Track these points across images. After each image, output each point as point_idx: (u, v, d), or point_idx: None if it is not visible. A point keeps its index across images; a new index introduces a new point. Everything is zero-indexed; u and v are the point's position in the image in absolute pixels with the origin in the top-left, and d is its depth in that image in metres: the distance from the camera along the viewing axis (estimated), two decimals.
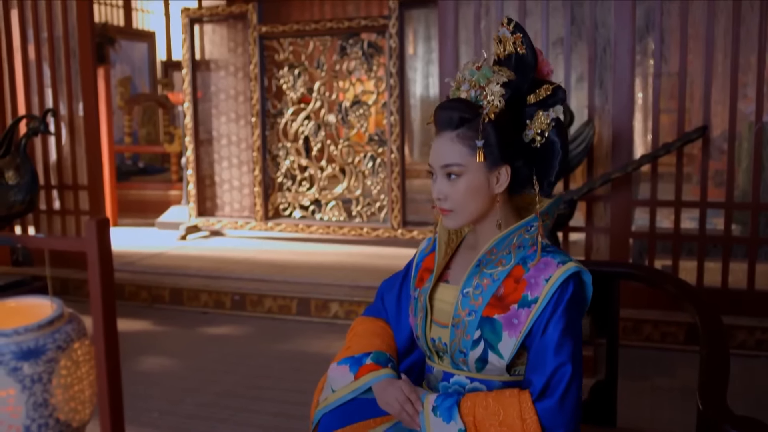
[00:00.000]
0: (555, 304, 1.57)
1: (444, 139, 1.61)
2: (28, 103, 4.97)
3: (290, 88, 5.58)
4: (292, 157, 5.65)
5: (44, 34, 4.89)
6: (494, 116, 1.57)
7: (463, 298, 1.64)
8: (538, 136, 1.62)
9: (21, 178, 4.50)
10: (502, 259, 1.64)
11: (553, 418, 1.53)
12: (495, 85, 1.58)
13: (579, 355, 1.59)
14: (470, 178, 1.60)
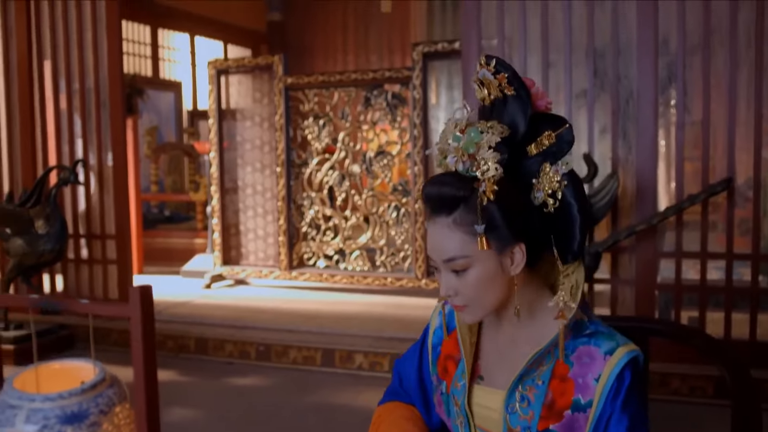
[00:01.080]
0: (613, 403, 1.37)
1: (439, 227, 1.37)
2: (59, 153, 5.06)
3: (315, 138, 5.64)
4: (316, 207, 5.69)
5: (76, 86, 4.99)
6: (494, 194, 1.31)
7: (511, 415, 1.44)
8: (550, 198, 1.36)
9: (51, 227, 4.56)
10: (543, 360, 1.42)
11: None
12: (487, 149, 1.32)
13: None
14: (480, 269, 1.37)
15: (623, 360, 1.36)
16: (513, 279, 1.39)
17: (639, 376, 1.41)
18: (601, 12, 3.90)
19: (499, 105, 1.38)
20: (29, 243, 4.53)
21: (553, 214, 1.36)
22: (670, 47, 3.87)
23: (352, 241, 5.62)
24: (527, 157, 1.37)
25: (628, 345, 1.39)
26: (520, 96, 1.36)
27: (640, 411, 1.40)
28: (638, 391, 1.40)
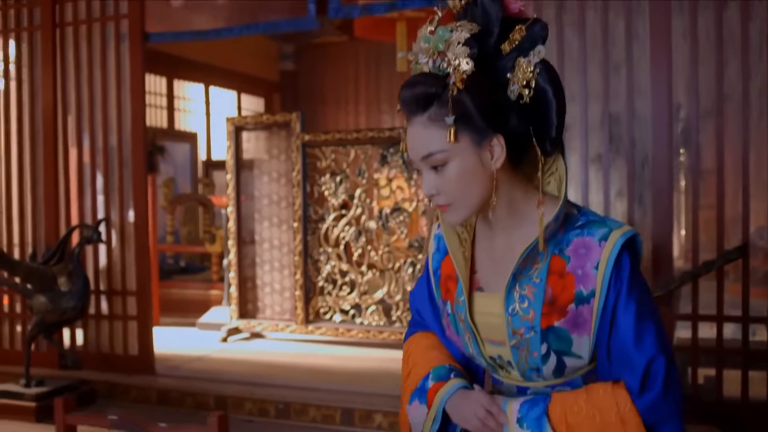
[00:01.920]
0: (616, 288, 1.39)
1: (416, 125, 1.40)
2: (81, 210, 5.15)
3: (332, 194, 5.73)
4: (333, 262, 5.76)
5: (99, 143, 5.10)
6: (463, 83, 1.33)
7: (512, 317, 1.45)
8: (525, 89, 1.38)
9: (73, 285, 4.64)
10: (536, 256, 1.44)
11: (658, 412, 1.38)
12: (457, 45, 1.34)
13: (663, 334, 1.41)
14: (458, 163, 1.38)
15: (619, 243, 1.38)
16: (494, 174, 1.40)
17: (637, 258, 1.44)
18: (616, 79, 3.99)
19: (471, 9, 1.41)
20: (52, 300, 4.61)
21: (529, 105, 1.39)
22: (683, 113, 3.97)
23: (368, 296, 5.67)
24: (501, 57, 1.40)
25: (621, 228, 1.41)
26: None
27: (645, 294, 1.43)
28: (638, 273, 1.42)
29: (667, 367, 1.38)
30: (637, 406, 1.37)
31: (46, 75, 5.14)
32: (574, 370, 1.46)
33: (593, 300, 1.40)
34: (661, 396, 1.37)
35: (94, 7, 5.08)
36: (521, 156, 1.45)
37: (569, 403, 1.41)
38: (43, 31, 5.15)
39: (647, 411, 1.37)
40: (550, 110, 1.40)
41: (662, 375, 1.38)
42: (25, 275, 4.67)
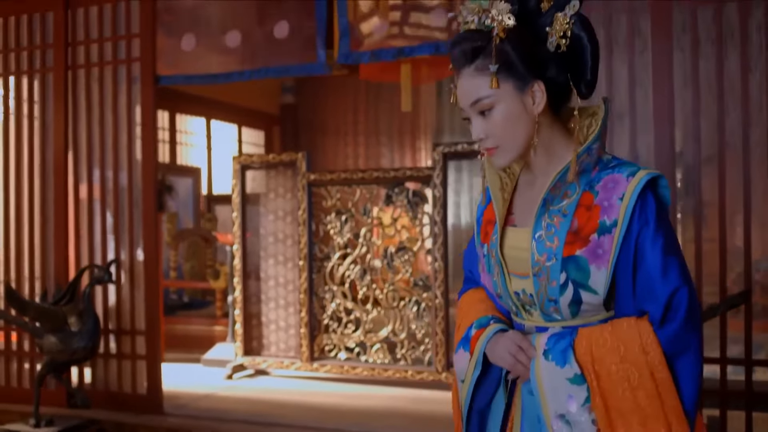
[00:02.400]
0: (640, 222, 1.49)
1: (464, 76, 1.55)
2: (91, 249, 5.21)
3: (337, 233, 5.80)
4: (338, 300, 5.82)
5: (110, 184, 5.17)
6: (505, 33, 1.49)
7: (537, 243, 1.55)
8: (562, 39, 1.53)
9: (84, 324, 4.68)
10: (567, 190, 1.56)
11: (678, 343, 1.46)
12: (499, 2, 1.50)
13: (686, 269, 1.50)
14: (504, 107, 1.53)
15: (645, 179, 1.50)
16: (536, 118, 1.56)
17: (664, 200, 1.55)
18: (620, 126, 4.09)
19: None
20: (63, 340, 4.65)
21: (567, 54, 1.55)
22: (685, 158, 4.06)
23: (373, 334, 5.73)
24: (541, 14, 1.56)
25: (648, 169, 1.54)
26: None
27: (671, 233, 1.52)
28: (665, 213, 1.53)
29: (690, 298, 1.47)
30: (658, 336, 1.46)
31: (57, 115, 5.22)
32: (589, 309, 1.54)
33: (614, 230, 1.49)
34: (683, 326, 1.46)
35: (107, 50, 5.17)
36: (561, 103, 1.61)
37: (595, 336, 1.50)
38: (56, 73, 5.24)
39: (668, 341, 1.46)
40: (585, 54, 1.56)
41: (685, 306, 1.46)
42: (36, 315, 4.72)
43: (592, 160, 1.56)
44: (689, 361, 1.47)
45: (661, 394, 1.45)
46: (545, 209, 1.57)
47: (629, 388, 1.46)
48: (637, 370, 1.45)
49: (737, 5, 3.87)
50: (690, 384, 1.47)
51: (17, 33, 5.34)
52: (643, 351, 1.45)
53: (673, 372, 1.47)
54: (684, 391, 1.47)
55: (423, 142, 10.40)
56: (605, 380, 1.47)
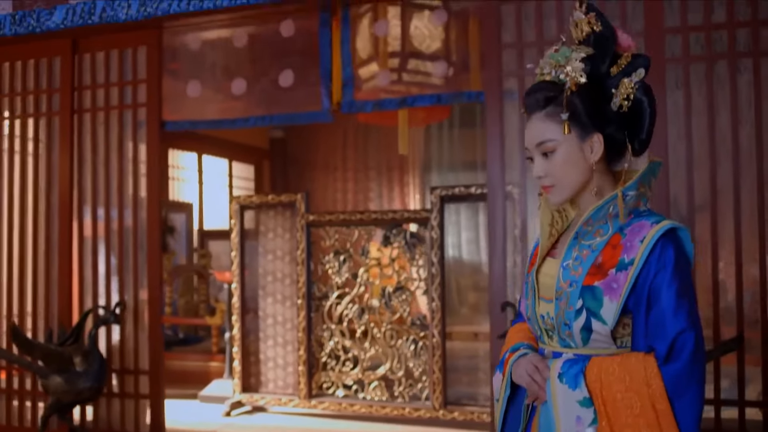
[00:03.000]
0: (658, 265, 1.63)
1: (534, 120, 1.76)
2: (95, 290, 5.28)
3: (335, 273, 5.92)
4: (336, 338, 5.93)
5: (114, 226, 5.27)
6: (576, 88, 1.70)
7: (564, 270, 1.74)
8: (625, 101, 1.71)
9: (89, 365, 4.76)
10: (600, 229, 1.73)
11: (679, 383, 1.58)
12: (575, 61, 1.71)
13: (697, 316, 1.64)
14: (564, 151, 1.72)
15: (667, 227, 1.66)
16: (592, 166, 1.74)
17: (685, 250, 1.70)
18: None
19: (590, 39, 1.78)
20: (68, 381, 4.73)
21: (627, 114, 1.74)
22: (679, 205, 4.23)
23: (371, 371, 5.84)
24: (610, 77, 1.76)
25: (674, 221, 1.70)
26: (606, 31, 1.76)
27: (688, 280, 1.67)
28: (685, 263, 1.67)
29: (696, 341, 1.60)
30: (662, 371, 1.59)
31: (63, 158, 5.31)
32: (598, 339, 1.70)
33: (630, 268, 1.66)
34: (687, 368, 1.59)
35: (113, 95, 5.28)
36: (615, 156, 1.79)
37: (605, 365, 1.65)
38: (62, 117, 5.34)
39: (670, 378, 1.59)
40: (644, 116, 1.75)
41: (690, 347, 1.60)
42: (42, 356, 4.79)
43: (628, 206, 1.73)
44: (689, 398, 1.59)
45: (660, 424, 1.59)
46: (576, 242, 1.76)
47: (632, 415, 1.60)
48: (639, 399, 1.59)
49: (727, 62, 4.07)
50: (689, 419, 1.59)
51: (24, 77, 5.44)
52: (647, 383, 1.59)
53: (674, 407, 1.59)
54: (682, 426, 1.59)
55: (411, 178, 10.55)
56: (611, 405, 1.62)
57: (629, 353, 1.67)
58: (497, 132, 4.39)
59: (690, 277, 1.68)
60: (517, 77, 4.41)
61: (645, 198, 1.78)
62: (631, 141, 1.77)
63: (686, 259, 1.69)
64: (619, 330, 1.70)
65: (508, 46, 4.44)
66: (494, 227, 4.39)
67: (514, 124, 4.39)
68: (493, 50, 4.44)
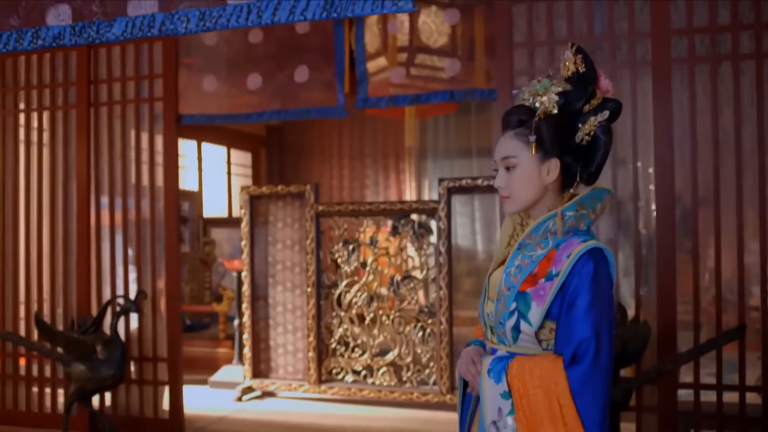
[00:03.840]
0: (578, 279, 1.85)
1: (505, 137, 1.99)
2: (113, 280, 5.42)
3: (344, 262, 6.09)
4: (345, 326, 6.10)
5: (131, 216, 5.41)
6: (545, 116, 1.92)
7: (506, 276, 1.97)
8: (587, 137, 1.93)
9: (111, 353, 4.89)
10: (541, 243, 1.94)
11: (580, 383, 1.80)
12: (551, 93, 1.95)
13: (605, 327, 1.85)
14: (524, 169, 1.94)
15: (591, 246, 1.88)
16: (547, 187, 1.97)
17: (607, 270, 1.91)
18: (624, 172, 4.45)
19: (575, 77, 2.00)
20: (91, 369, 4.86)
21: (585, 147, 1.96)
22: (684, 199, 4.43)
23: (379, 357, 6.02)
24: (582, 114, 1.97)
25: (599, 242, 1.93)
26: (588, 73, 1.99)
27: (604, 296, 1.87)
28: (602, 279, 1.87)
29: (596, 350, 1.82)
30: (567, 373, 1.82)
31: (80, 150, 5.43)
32: (525, 339, 1.93)
33: (555, 279, 1.88)
34: (588, 371, 1.81)
35: (129, 89, 5.40)
36: (568, 182, 1.99)
37: (524, 364, 1.89)
38: (78, 110, 5.45)
39: (573, 379, 1.82)
40: (598, 151, 1.97)
41: (591, 354, 1.82)
42: (64, 345, 4.94)
43: (567, 225, 1.94)
44: (590, 397, 1.82)
45: (564, 417, 1.83)
46: (520, 252, 1.99)
47: (542, 408, 1.84)
48: (547, 395, 1.83)
49: (731, 63, 4.25)
50: (590, 413, 1.83)
51: (40, 70, 5.53)
52: (554, 382, 1.83)
53: (576, 403, 1.83)
54: (585, 421, 1.82)
55: (407, 165, 10.68)
56: (525, 399, 1.86)
57: (546, 354, 1.91)
58: None
59: (606, 292, 1.89)
60: (528, 75, 4.57)
61: (588, 219, 1.98)
62: (582, 171, 1.98)
63: (605, 276, 1.90)
64: (544, 333, 1.92)
65: (520, 45, 4.60)
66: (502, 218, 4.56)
67: None
68: (505, 49, 4.60)
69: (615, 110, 1.98)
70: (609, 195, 2.03)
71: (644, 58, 4.41)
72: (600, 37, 4.49)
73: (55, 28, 2.53)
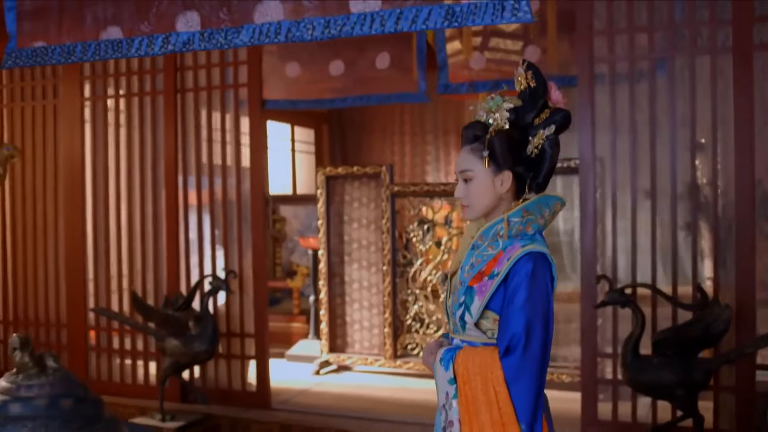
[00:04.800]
0: (517, 279, 2.04)
1: (463, 152, 2.18)
2: (201, 260, 5.68)
3: (419, 241, 6.27)
4: (420, 303, 6.30)
5: (218, 197, 5.65)
6: (496, 133, 2.08)
7: (461, 272, 2.19)
8: (535, 149, 2.10)
9: (203, 330, 5.15)
10: (492, 244, 2.13)
11: (513, 373, 2.01)
12: (503, 110, 2.10)
13: (538, 322, 2.04)
14: (480, 181, 2.13)
15: (529, 250, 2.07)
16: (501, 196, 2.15)
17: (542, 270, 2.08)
18: (703, 156, 4.54)
19: (526, 92, 2.16)
20: (185, 344, 5.13)
21: (534, 159, 2.13)
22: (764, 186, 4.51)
23: None
24: (533, 126, 2.13)
25: (540, 246, 2.10)
26: (539, 87, 2.14)
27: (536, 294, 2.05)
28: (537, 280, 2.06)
29: (526, 343, 2.01)
30: (501, 363, 2.03)
31: (168, 133, 5.67)
32: (470, 329, 2.14)
33: (496, 278, 2.08)
34: (519, 361, 2.01)
35: (214, 76, 5.61)
36: (520, 191, 2.16)
37: (468, 353, 2.11)
38: (166, 96, 5.69)
39: (506, 368, 2.02)
40: (544, 164, 2.14)
41: (521, 346, 2.02)
42: (160, 321, 5.21)
43: (514, 229, 2.10)
44: (522, 385, 2.02)
45: (498, 402, 2.03)
46: (473, 252, 2.19)
47: (479, 393, 2.04)
48: (485, 382, 2.03)
49: None
50: (522, 400, 2.02)
51: (128, 59, 5.76)
52: (491, 370, 2.03)
53: (510, 390, 2.03)
54: (517, 406, 2.02)
55: None
56: (467, 385, 2.07)
57: (488, 347, 2.11)
58: (588, 116, 4.65)
59: (543, 290, 2.07)
60: (608, 62, 4.67)
61: (535, 224, 2.13)
62: (532, 181, 2.15)
63: (543, 277, 2.08)
64: (487, 323, 2.12)
65: (600, 32, 4.69)
66: (586, 200, 4.69)
67: (604, 107, 4.68)
68: (586, 36, 4.69)
69: (561, 123, 2.14)
70: (559, 202, 2.19)
71: (725, 45, 4.48)
72: (680, 24, 4.56)
73: (185, 35, 2.70)
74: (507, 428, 2.02)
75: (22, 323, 6.26)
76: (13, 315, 6.34)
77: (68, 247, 6.02)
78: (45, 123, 6.13)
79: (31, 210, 6.20)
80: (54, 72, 6.05)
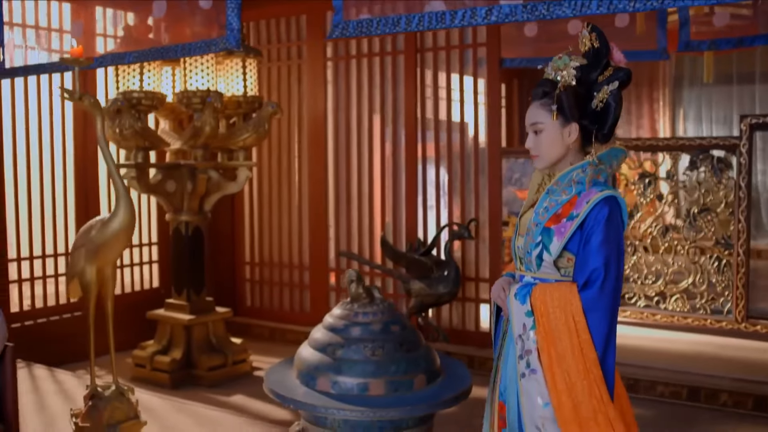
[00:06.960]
0: (594, 220, 2.19)
1: (533, 106, 2.32)
2: (438, 210, 6.10)
3: (640, 194, 6.47)
4: (639, 254, 6.52)
5: (456, 150, 6.05)
6: (564, 88, 2.24)
7: (535, 214, 2.32)
8: (600, 103, 2.25)
9: (447, 273, 5.57)
10: (565, 190, 2.28)
11: (590, 304, 2.17)
12: (570, 68, 2.26)
13: (614, 260, 2.21)
14: (549, 133, 2.29)
15: (605, 195, 2.22)
16: (569, 146, 2.30)
17: (618, 214, 2.24)
18: None
19: (591, 52, 2.31)
20: (429, 286, 5.58)
21: (599, 112, 2.28)
22: None
23: (673, 285, 6.40)
24: (597, 83, 2.29)
25: (614, 191, 2.27)
26: (602, 48, 2.31)
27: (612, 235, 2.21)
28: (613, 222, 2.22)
29: (604, 278, 2.18)
30: (580, 296, 2.19)
31: (408, 93, 6.10)
32: (546, 267, 2.29)
33: (575, 219, 2.23)
34: (596, 294, 2.17)
35: (453, 35, 5.97)
36: (587, 141, 2.31)
37: (545, 288, 2.26)
38: (407, 55, 6.10)
39: (585, 301, 2.18)
40: (609, 115, 2.29)
41: (600, 280, 2.18)
42: (407, 264, 5.68)
43: (587, 177, 2.27)
44: (599, 315, 2.17)
45: (578, 330, 2.19)
46: (548, 196, 2.32)
47: (560, 324, 2.20)
48: (563, 313, 2.19)
49: None
50: (598, 328, 2.18)
51: None
52: (570, 302, 2.19)
53: (587, 319, 2.18)
54: (594, 333, 2.18)
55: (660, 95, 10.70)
56: (545, 317, 2.23)
57: (565, 282, 2.27)
58: None
59: (617, 232, 2.23)
60: None
61: (605, 173, 2.31)
62: (597, 132, 2.28)
63: (618, 220, 2.24)
64: (562, 261, 2.28)
65: None
66: None
67: None
68: None
69: (624, 80, 2.28)
70: (623, 154, 2.37)
71: None
72: None
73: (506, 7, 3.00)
74: (585, 353, 2.19)
75: (267, 265, 6.91)
76: (259, 258, 7.00)
77: (311, 197, 6.59)
78: (290, 81, 6.68)
79: (276, 162, 6.81)
80: (299, 35, 6.58)
